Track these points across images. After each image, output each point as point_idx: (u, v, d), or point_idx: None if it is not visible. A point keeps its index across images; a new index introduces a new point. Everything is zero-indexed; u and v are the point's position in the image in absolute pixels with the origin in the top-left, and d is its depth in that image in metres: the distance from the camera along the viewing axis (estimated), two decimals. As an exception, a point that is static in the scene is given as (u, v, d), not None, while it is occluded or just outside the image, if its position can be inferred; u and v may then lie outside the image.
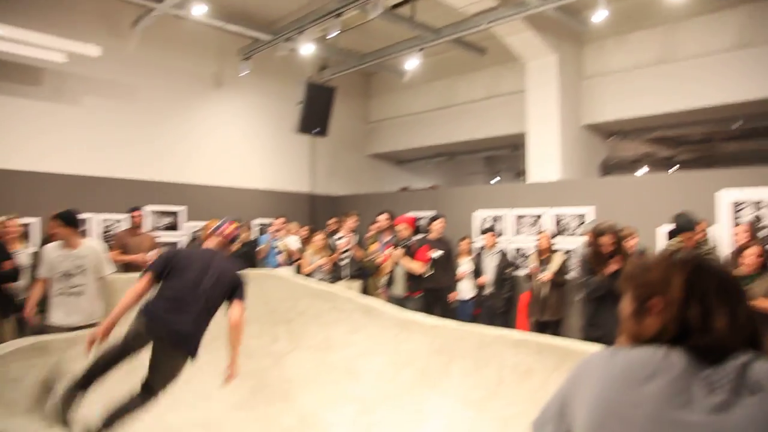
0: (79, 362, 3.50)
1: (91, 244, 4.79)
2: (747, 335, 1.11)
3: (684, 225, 4.48)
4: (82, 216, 4.73)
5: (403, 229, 6.33)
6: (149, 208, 8.09)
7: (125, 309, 3.25)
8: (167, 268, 3.37)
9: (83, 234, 5.41)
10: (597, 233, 4.33)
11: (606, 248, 4.30)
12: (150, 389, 3.22)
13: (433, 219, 7.27)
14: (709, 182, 6.38)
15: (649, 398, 1.04)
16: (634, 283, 1.24)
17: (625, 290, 1.26)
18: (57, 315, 4.47)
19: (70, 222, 4.51)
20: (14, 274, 4.69)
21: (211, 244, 3.60)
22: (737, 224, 5.73)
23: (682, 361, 1.08)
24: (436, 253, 6.68)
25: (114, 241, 6.77)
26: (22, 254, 5.48)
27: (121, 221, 7.74)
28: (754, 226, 5.76)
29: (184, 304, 3.23)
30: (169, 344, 3.17)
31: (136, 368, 3.25)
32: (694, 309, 1.13)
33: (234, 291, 3.39)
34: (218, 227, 3.64)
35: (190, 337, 3.21)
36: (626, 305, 1.25)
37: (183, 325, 3.18)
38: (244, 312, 3.35)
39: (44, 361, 3.37)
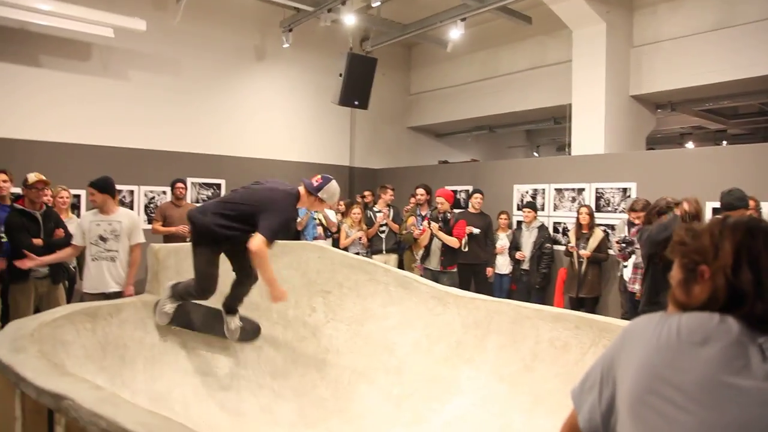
0: (126, 329, 3.67)
1: (127, 212, 4.96)
2: None
3: (732, 203, 4.24)
4: (116, 184, 4.89)
5: (441, 203, 6.29)
6: (191, 180, 8.28)
7: None
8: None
9: (120, 202, 5.57)
10: (658, 212, 4.14)
11: None
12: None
13: (472, 193, 7.21)
14: (765, 156, 6.07)
15: (701, 363, 1.01)
16: (682, 250, 1.19)
17: (674, 258, 1.22)
18: (91, 282, 4.64)
19: (104, 189, 4.65)
20: (66, 242, 4.88)
21: (300, 186, 3.80)
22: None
23: (737, 327, 1.04)
24: (474, 230, 6.64)
25: (156, 212, 6.98)
26: (72, 223, 5.69)
27: (165, 193, 7.95)
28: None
29: (214, 199, 3.86)
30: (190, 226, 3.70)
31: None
32: (745, 275, 1.07)
33: (259, 217, 3.45)
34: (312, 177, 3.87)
35: (201, 215, 3.60)
36: (675, 273, 1.21)
37: (201, 208, 3.72)
38: (262, 244, 3.36)
39: (93, 326, 3.51)
